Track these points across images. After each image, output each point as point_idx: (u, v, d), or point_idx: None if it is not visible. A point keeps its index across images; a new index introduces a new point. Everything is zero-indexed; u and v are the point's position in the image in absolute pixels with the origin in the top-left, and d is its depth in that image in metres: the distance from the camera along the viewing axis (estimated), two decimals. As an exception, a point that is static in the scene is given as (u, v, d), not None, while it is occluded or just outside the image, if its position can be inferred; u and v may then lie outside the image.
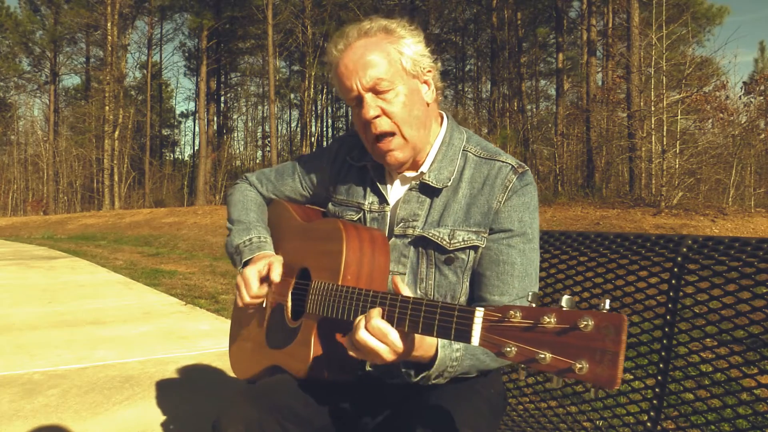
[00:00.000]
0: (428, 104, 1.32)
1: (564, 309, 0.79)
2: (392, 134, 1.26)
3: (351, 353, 1.08)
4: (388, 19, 1.30)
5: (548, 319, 0.79)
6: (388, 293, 1.08)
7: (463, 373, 1.19)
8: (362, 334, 1.03)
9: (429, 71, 1.31)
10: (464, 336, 0.91)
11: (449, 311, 0.94)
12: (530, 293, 0.86)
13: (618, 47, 18.70)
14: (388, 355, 1.04)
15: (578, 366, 0.75)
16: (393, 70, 1.25)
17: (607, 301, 0.77)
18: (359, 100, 1.26)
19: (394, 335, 1.03)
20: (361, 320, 1.06)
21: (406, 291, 1.07)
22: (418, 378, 1.12)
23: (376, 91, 1.24)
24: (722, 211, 9.66)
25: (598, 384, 0.74)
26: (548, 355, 0.78)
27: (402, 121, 1.26)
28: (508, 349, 0.83)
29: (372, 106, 1.24)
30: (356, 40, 1.26)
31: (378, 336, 1.03)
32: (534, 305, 0.84)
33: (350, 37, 1.27)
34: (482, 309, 0.89)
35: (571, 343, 0.77)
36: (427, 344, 1.11)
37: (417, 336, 1.06)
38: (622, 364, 0.73)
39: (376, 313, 1.04)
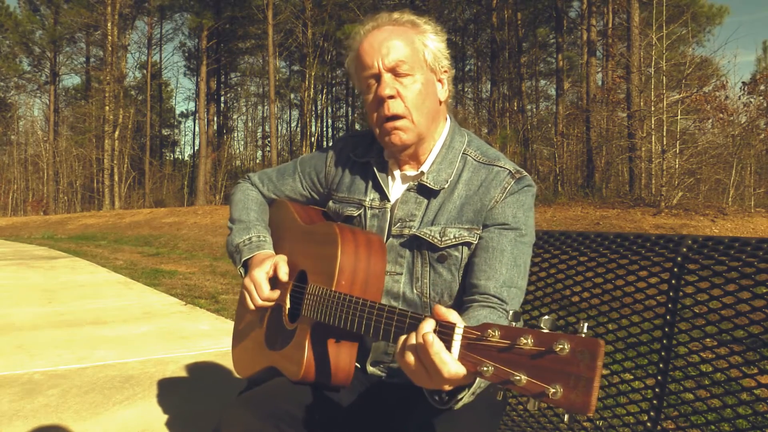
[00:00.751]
0: (440, 101, 1.34)
1: (542, 330, 0.78)
2: (402, 117, 1.28)
3: (409, 370, 0.94)
4: (418, 16, 1.34)
5: (525, 341, 0.78)
6: (376, 303, 1.08)
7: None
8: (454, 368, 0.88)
9: (446, 71, 1.35)
10: None
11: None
12: (511, 312, 0.85)
13: (618, 47, 18.68)
14: (447, 386, 0.92)
15: (552, 390, 0.73)
16: (415, 58, 1.28)
17: (585, 324, 0.75)
18: (377, 78, 1.29)
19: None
20: (436, 345, 0.89)
21: (453, 316, 0.92)
22: (452, 402, 0.99)
23: (395, 73, 1.28)
24: (722, 211, 9.66)
25: (571, 410, 0.73)
26: (524, 378, 0.77)
27: (414, 107, 1.28)
28: (485, 368, 0.81)
29: (389, 85, 1.27)
30: (385, 24, 1.31)
31: (453, 379, 0.89)
32: (514, 324, 0.83)
33: (380, 20, 1.32)
34: (462, 326, 0.88)
35: (546, 366, 0.75)
36: None
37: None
38: (597, 391, 0.71)
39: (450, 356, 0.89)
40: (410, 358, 0.92)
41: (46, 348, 3.90)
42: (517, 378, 0.77)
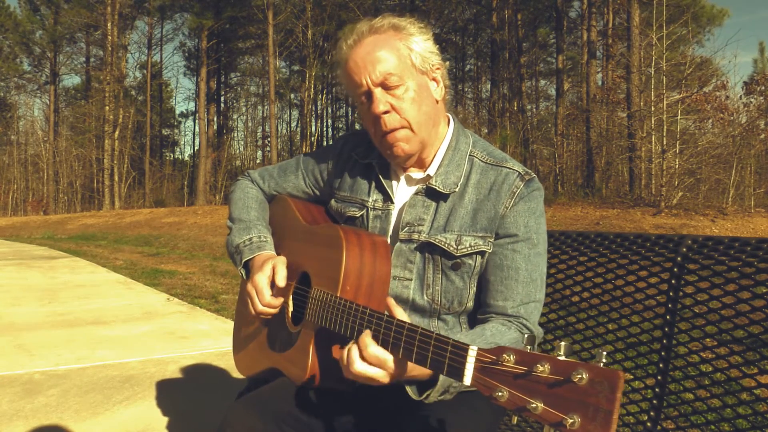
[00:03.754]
0: (437, 101, 1.32)
1: (559, 358, 0.77)
2: (401, 128, 1.26)
3: (347, 377, 1.05)
4: (398, 17, 1.31)
5: (542, 368, 0.77)
6: (384, 314, 1.07)
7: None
8: (359, 367, 1.02)
9: (438, 68, 1.31)
10: (457, 374, 0.88)
11: (443, 345, 0.91)
12: (526, 336, 0.84)
13: (618, 47, 18.69)
14: (385, 378, 1.02)
15: (570, 421, 0.73)
16: (402, 65, 1.25)
17: (604, 354, 0.74)
18: (369, 95, 1.26)
19: (391, 361, 1.01)
20: (353, 349, 1.03)
21: (400, 314, 1.07)
22: (422, 396, 1.06)
23: (385, 86, 1.25)
24: (722, 211, 9.66)
25: None
26: (540, 406, 0.76)
27: (411, 117, 1.26)
28: (500, 393, 0.81)
29: (382, 101, 1.25)
30: (366, 36, 1.27)
31: (375, 363, 1.01)
32: (529, 348, 0.82)
33: (360, 33, 1.28)
34: (476, 348, 0.87)
35: (564, 395, 0.74)
36: None
37: None
38: (616, 423, 0.71)
39: (370, 340, 1.02)
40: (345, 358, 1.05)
41: (46, 348, 3.90)
42: (534, 406, 0.76)
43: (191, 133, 54.61)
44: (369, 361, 1.01)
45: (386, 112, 1.25)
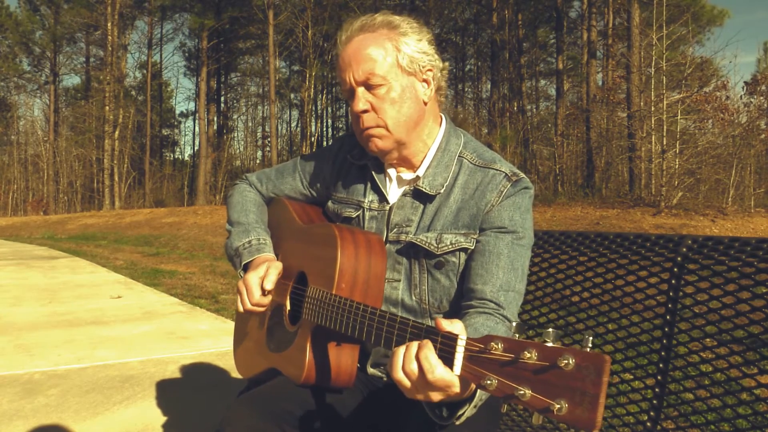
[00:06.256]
0: (425, 103, 1.31)
1: (546, 344, 0.77)
2: (377, 127, 1.28)
3: (400, 382, 0.94)
4: (393, 15, 1.30)
5: (529, 355, 0.77)
6: (377, 310, 1.07)
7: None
8: (441, 372, 0.89)
9: (429, 70, 1.30)
10: (447, 363, 0.88)
11: (433, 336, 0.91)
12: (515, 324, 0.83)
13: (618, 47, 18.70)
14: (438, 397, 0.92)
15: (557, 406, 0.73)
16: (387, 66, 1.25)
17: (590, 339, 0.74)
18: (352, 93, 1.27)
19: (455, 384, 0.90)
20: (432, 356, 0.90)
21: (457, 328, 0.92)
22: (455, 417, 0.98)
23: (368, 86, 1.26)
24: (722, 211, 9.66)
25: (576, 426, 0.72)
26: (528, 392, 0.76)
27: (388, 117, 1.26)
28: (489, 381, 0.81)
29: (362, 99, 1.26)
30: (357, 33, 1.28)
31: (440, 386, 0.90)
32: (517, 336, 0.82)
33: (353, 30, 1.29)
34: (465, 338, 0.87)
35: (551, 381, 0.75)
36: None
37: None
38: (602, 407, 0.70)
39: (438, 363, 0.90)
40: (408, 376, 0.91)
41: (46, 348, 3.90)
42: (522, 392, 0.76)
43: (191, 133, 54.66)
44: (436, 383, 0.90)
45: (365, 111, 1.26)
